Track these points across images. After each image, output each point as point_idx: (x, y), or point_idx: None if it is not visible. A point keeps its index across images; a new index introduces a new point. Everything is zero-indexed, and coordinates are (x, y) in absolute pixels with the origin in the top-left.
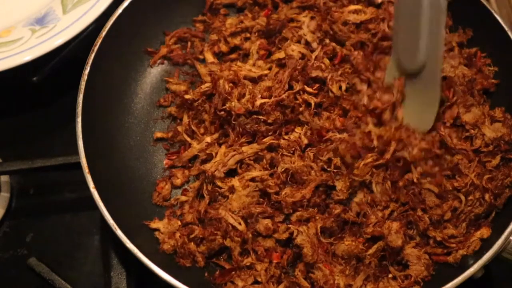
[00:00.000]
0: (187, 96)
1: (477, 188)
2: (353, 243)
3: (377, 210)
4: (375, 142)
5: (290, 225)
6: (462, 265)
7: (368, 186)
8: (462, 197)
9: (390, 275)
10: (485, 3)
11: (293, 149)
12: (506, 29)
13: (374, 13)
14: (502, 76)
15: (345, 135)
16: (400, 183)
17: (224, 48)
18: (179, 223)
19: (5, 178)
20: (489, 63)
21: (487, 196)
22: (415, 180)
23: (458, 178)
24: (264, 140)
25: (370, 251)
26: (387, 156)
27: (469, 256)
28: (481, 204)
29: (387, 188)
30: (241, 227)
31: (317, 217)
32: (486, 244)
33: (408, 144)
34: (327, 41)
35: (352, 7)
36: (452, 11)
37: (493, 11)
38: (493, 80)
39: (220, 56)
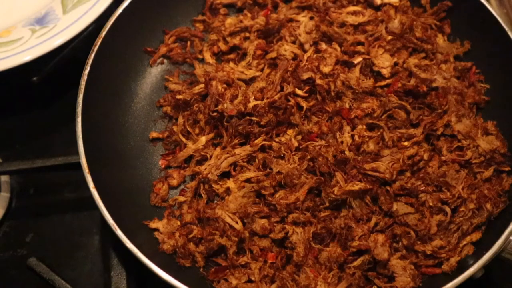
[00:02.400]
0: (178, 96)
1: (468, 199)
2: (335, 250)
3: (362, 224)
4: (347, 153)
5: (285, 225)
6: (462, 265)
7: (349, 203)
8: (448, 210)
9: (374, 287)
10: (485, 3)
11: (283, 152)
12: (506, 29)
13: (373, 15)
14: (496, 85)
15: (323, 142)
16: (382, 198)
17: (223, 47)
18: (179, 223)
19: (5, 178)
20: (481, 80)
21: (488, 205)
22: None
23: (445, 190)
24: (256, 141)
25: (355, 263)
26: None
27: (469, 256)
28: (477, 214)
29: (367, 202)
30: (238, 226)
31: (313, 222)
32: (485, 244)
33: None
34: (323, 45)
35: (351, 8)
36: (452, 12)
37: (493, 11)
38: (484, 97)
39: (219, 56)
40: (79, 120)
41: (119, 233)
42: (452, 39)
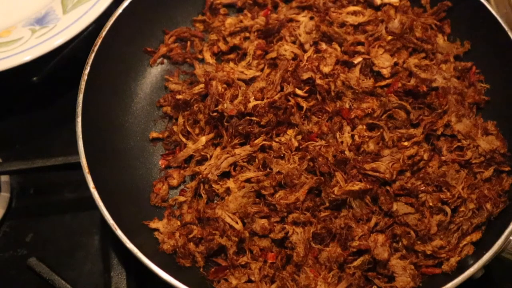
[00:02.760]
0: (178, 96)
1: (468, 199)
2: (335, 250)
3: (362, 224)
4: (347, 153)
5: (285, 225)
6: (462, 265)
7: (349, 203)
8: (448, 210)
9: (374, 287)
10: (485, 3)
11: (283, 152)
12: (506, 29)
13: (373, 15)
14: (496, 85)
15: (323, 142)
16: (382, 198)
17: (223, 47)
18: (179, 223)
19: (5, 178)
20: (482, 80)
21: (488, 205)
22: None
23: (445, 190)
24: (256, 141)
25: (355, 263)
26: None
27: (469, 256)
28: (477, 214)
29: (367, 202)
30: (238, 226)
31: (313, 222)
32: (486, 244)
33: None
34: (323, 45)
35: (351, 8)
36: (452, 12)
37: (493, 11)
38: (484, 97)
39: (219, 56)
40: (79, 120)
41: (119, 233)
42: (452, 39)
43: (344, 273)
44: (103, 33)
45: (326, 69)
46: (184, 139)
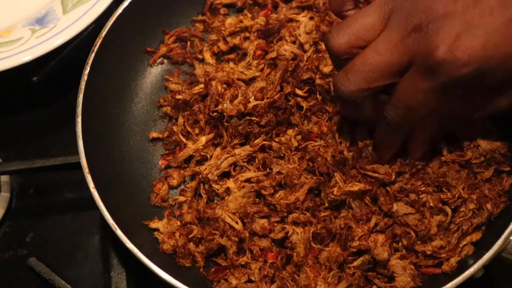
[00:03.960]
0: (178, 96)
1: (468, 199)
2: (335, 250)
3: (362, 224)
4: (346, 153)
5: (285, 225)
6: (462, 265)
7: (348, 204)
8: (448, 210)
9: (374, 287)
10: None
11: (283, 152)
12: None
13: None
14: None
15: (322, 142)
16: (381, 198)
17: (223, 47)
18: (179, 223)
19: (5, 178)
20: None
21: (488, 205)
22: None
23: (445, 190)
24: (256, 141)
25: (355, 263)
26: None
27: (469, 256)
28: (477, 214)
29: (367, 202)
30: (238, 226)
31: (313, 222)
32: (485, 244)
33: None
34: (323, 45)
35: None
36: None
37: None
38: None
39: (219, 56)
40: (79, 120)
41: (119, 233)
42: None
43: (344, 273)
44: (103, 33)
45: (326, 69)
46: (184, 139)
